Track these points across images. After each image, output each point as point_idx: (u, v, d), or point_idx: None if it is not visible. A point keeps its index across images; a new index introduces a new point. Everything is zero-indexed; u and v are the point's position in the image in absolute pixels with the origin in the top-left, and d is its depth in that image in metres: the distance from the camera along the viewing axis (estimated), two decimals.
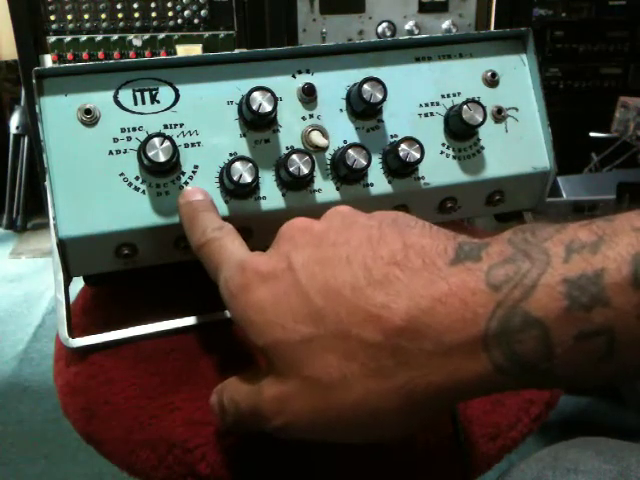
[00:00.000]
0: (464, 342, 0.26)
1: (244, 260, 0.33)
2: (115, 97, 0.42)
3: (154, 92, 0.42)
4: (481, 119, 0.45)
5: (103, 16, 1.34)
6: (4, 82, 2.42)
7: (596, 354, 0.25)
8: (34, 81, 0.40)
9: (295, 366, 0.29)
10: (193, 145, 0.43)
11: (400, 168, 0.45)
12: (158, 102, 0.42)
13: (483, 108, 0.45)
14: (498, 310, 0.26)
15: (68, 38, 1.33)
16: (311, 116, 0.44)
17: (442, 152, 0.47)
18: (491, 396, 0.41)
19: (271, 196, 0.43)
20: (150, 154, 0.39)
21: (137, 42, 1.34)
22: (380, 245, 0.30)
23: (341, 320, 0.28)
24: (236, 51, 1.23)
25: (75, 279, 0.46)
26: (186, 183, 0.42)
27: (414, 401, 0.28)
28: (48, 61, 1.33)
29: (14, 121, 2.22)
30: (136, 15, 1.34)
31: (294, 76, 0.45)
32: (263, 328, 0.30)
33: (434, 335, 0.27)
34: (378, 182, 0.45)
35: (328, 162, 0.44)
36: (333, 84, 0.45)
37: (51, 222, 0.41)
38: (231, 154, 0.43)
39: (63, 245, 0.41)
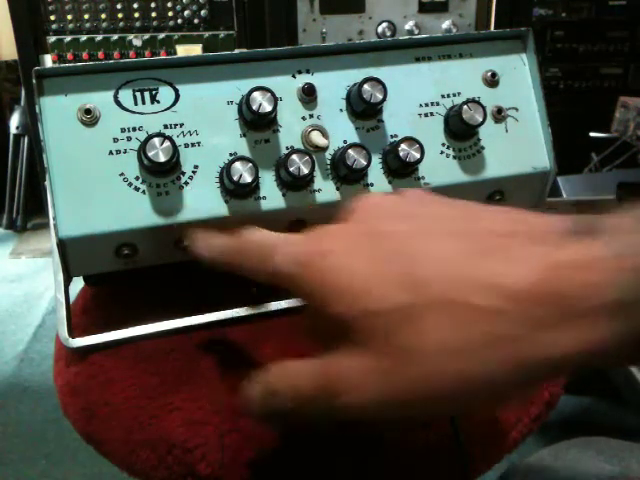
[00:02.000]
0: (587, 309, 0.25)
1: (317, 232, 0.32)
2: (115, 97, 0.42)
3: (154, 92, 0.42)
4: (481, 119, 0.45)
5: (103, 16, 1.34)
6: (4, 82, 2.42)
7: None
8: (34, 81, 0.40)
9: (384, 336, 0.27)
10: (193, 145, 0.43)
11: (400, 168, 0.45)
12: (158, 102, 0.42)
13: (483, 108, 0.45)
14: (622, 277, 0.25)
15: (68, 38, 1.33)
16: (311, 116, 0.44)
17: (442, 152, 0.47)
18: None
19: (271, 196, 0.43)
20: (150, 154, 0.39)
21: (137, 42, 1.34)
22: (485, 220, 0.29)
23: (449, 288, 0.27)
24: (236, 51, 1.23)
25: (75, 279, 0.46)
26: (186, 183, 0.42)
27: (529, 370, 0.26)
28: (48, 61, 1.33)
29: (14, 121, 2.22)
30: (136, 15, 1.34)
31: (294, 76, 0.45)
32: (347, 295, 0.28)
33: (557, 301, 0.26)
34: (378, 182, 0.45)
35: (328, 162, 0.44)
36: (333, 84, 0.45)
37: (51, 222, 0.41)
38: (231, 154, 0.43)
39: (63, 245, 0.41)
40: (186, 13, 1.35)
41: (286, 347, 0.45)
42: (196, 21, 1.36)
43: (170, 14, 1.35)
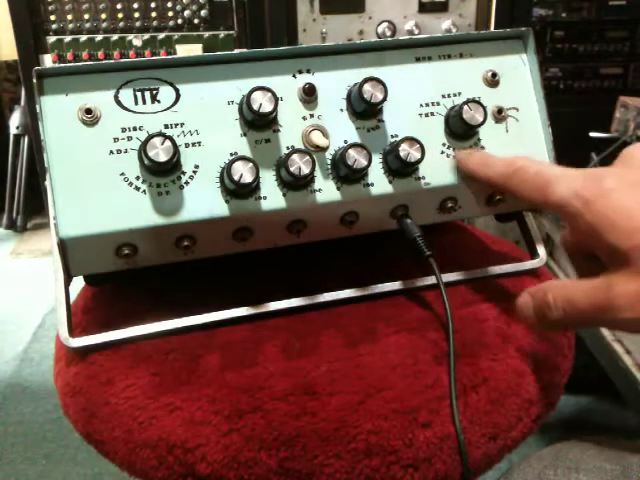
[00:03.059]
0: None
1: (595, 171, 0.36)
2: (116, 97, 0.42)
3: (155, 92, 0.42)
4: (481, 119, 0.45)
5: (103, 16, 1.34)
6: (4, 82, 2.42)
7: None
8: (35, 81, 0.40)
9: None
10: (194, 145, 0.43)
11: (400, 168, 0.45)
12: (159, 102, 0.42)
13: (483, 108, 0.45)
14: None
15: (68, 38, 1.33)
16: (312, 116, 0.44)
17: (442, 152, 0.47)
18: (491, 396, 0.41)
19: (272, 196, 0.43)
20: (151, 154, 0.39)
21: (137, 42, 1.34)
22: None
23: None
24: (236, 51, 1.23)
25: (75, 279, 0.46)
26: (187, 183, 0.42)
27: None
28: (48, 61, 1.33)
29: (14, 121, 2.22)
30: (136, 15, 1.34)
31: (294, 76, 0.45)
32: (631, 231, 0.33)
33: None
34: (378, 182, 0.45)
35: (328, 162, 0.44)
36: (334, 84, 0.45)
37: (51, 222, 0.41)
38: (232, 154, 0.43)
39: (63, 245, 0.41)
40: (186, 13, 1.35)
41: (287, 346, 0.45)
42: (196, 21, 1.36)
43: (170, 14, 1.35)
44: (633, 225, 0.33)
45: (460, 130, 0.46)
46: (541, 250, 0.53)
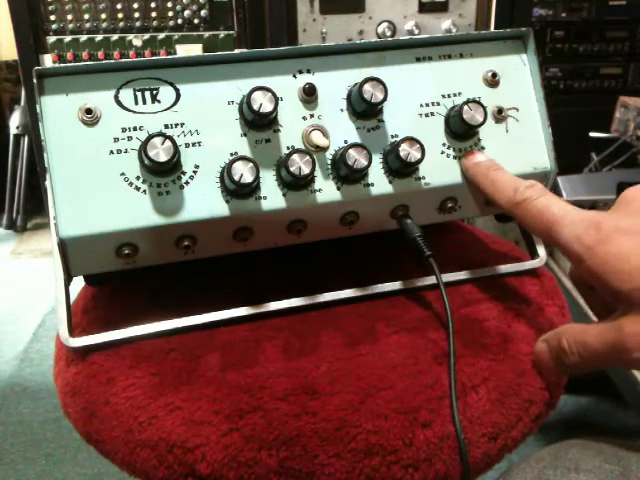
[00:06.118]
0: None
1: (594, 217, 0.37)
2: (116, 97, 0.42)
3: (155, 92, 0.42)
4: (482, 119, 0.45)
5: (103, 16, 1.34)
6: (4, 82, 2.42)
7: None
8: (35, 81, 0.40)
9: None
10: (194, 145, 0.43)
11: (401, 168, 0.45)
12: (159, 102, 0.42)
13: (484, 108, 0.45)
14: None
15: (68, 38, 1.33)
16: (312, 116, 0.44)
17: (443, 152, 0.47)
18: (491, 396, 0.41)
19: (272, 196, 0.43)
20: (151, 154, 0.39)
21: (137, 42, 1.34)
22: None
23: None
24: (236, 51, 1.23)
25: (75, 279, 0.46)
26: (187, 183, 0.42)
27: None
28: (48, 61, 1.33)
29: (14, 121, 2.22)
30: (136, 15, 1.34)
31: (295, 76, 0.45)
32: (629, 274, 0.35)
33: None
34: (379, 182, 0.45)
35: (329, 162, 0.44)
36: (334, 84, 0.45)
37: (51, 222, 0.41)
38: (232, 154, 0.43)
39: (63, 245, 0.41)
40: (186, 13, 1.35)
41: (287, 346, 0.45)
42: (196, 21, 1.36)
43: (170, 14, 1.35)
44: (631, 268, 0.35)
45: (460, 130, 0.46)
46: (541, 250, 0.53)
